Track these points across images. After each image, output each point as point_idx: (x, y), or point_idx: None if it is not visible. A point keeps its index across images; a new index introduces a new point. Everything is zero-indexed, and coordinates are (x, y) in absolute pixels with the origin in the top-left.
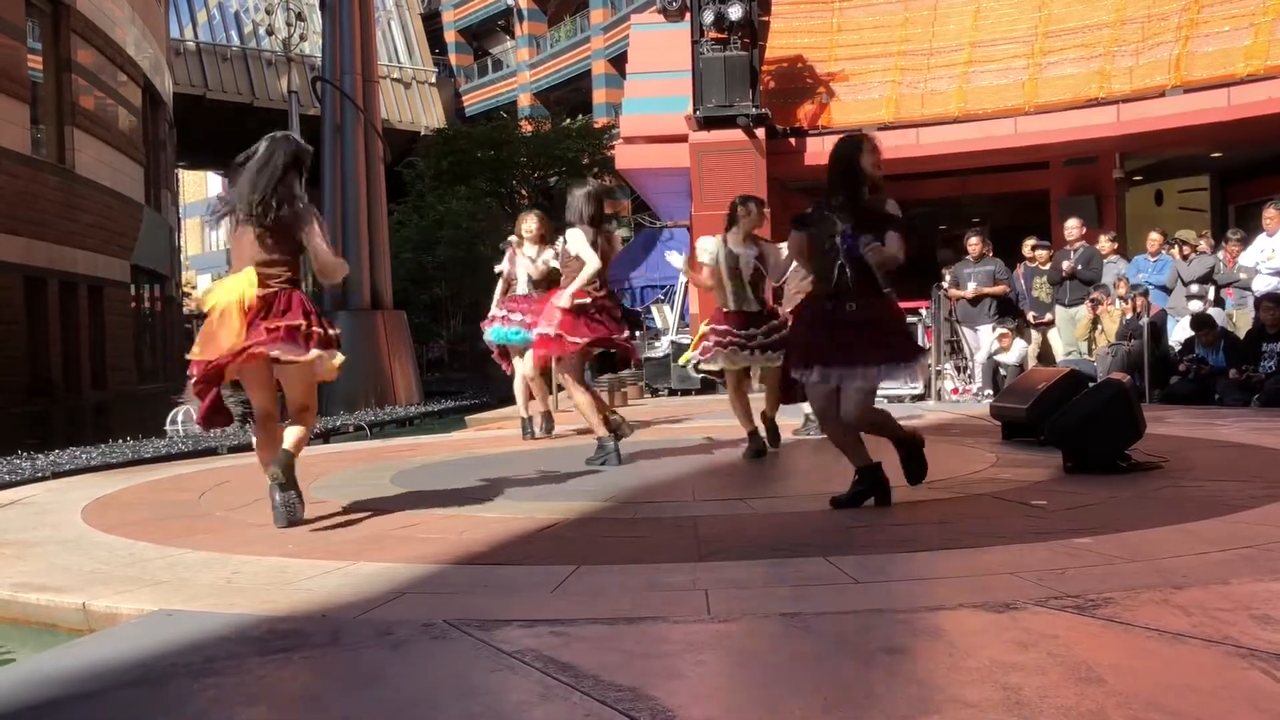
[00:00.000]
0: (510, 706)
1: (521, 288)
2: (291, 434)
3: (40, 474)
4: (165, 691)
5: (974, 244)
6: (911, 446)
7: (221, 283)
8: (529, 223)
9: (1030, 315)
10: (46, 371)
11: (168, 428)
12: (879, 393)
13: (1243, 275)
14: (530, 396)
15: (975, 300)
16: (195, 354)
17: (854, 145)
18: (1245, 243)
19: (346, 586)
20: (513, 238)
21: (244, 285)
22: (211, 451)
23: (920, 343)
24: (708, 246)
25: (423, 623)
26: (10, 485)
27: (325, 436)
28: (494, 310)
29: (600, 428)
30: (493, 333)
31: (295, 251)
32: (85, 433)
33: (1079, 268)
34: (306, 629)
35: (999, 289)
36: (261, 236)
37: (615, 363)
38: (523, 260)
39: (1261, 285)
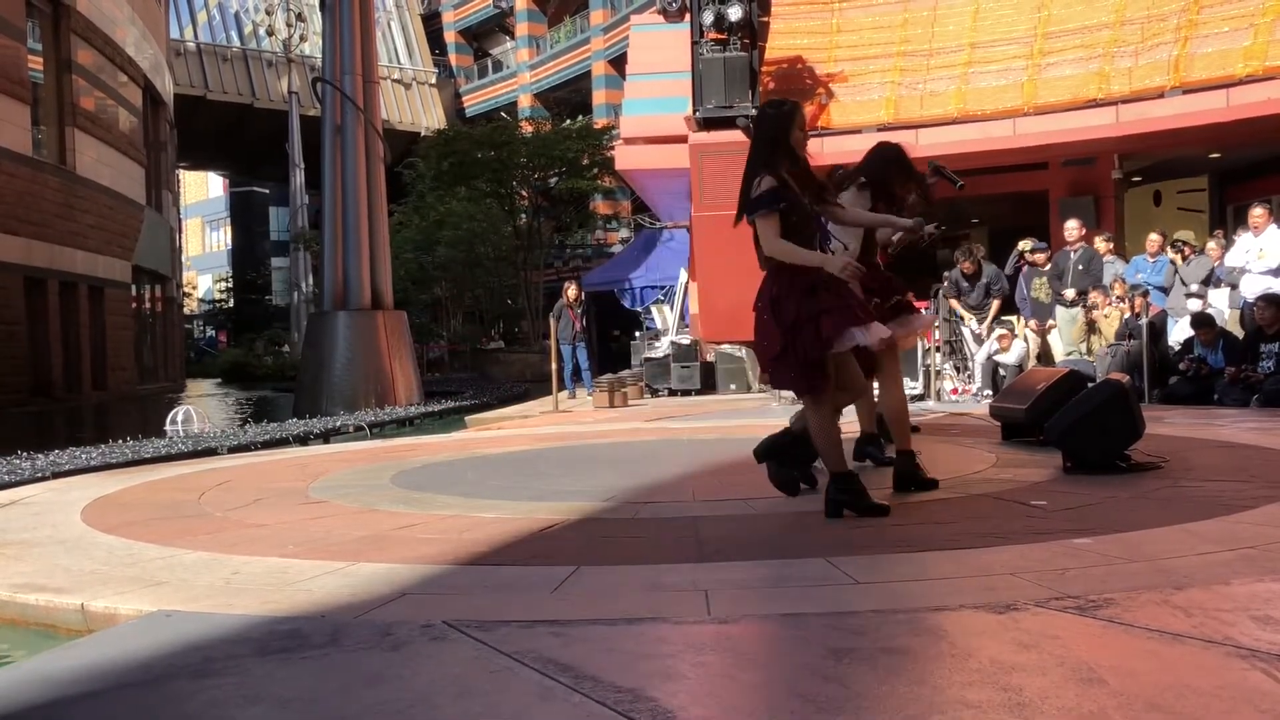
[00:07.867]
0: (510, 707)
1: None
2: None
3: (40, 474)
4: (165, 692)
5: (967, 267)
6: None
7: None
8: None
9: (1033, 324)
10: (47, 372)
11: (168, 428)
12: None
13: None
14: None
15: (977, 304)
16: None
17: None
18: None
19: (346, 587)
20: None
21: None
22: (211, 452)
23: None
24: None
25: (422, 623)
26: (10, 485)
27: (325, 436)
28: None
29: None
30: None
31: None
32: (85, 433)
33: (1079, 267)
34: (306, 629)
35: (997, 304)
36: None
37: None
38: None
39: (1250, 285)
